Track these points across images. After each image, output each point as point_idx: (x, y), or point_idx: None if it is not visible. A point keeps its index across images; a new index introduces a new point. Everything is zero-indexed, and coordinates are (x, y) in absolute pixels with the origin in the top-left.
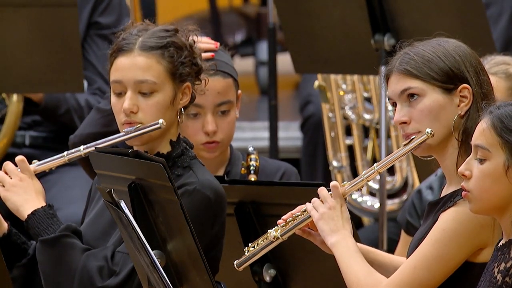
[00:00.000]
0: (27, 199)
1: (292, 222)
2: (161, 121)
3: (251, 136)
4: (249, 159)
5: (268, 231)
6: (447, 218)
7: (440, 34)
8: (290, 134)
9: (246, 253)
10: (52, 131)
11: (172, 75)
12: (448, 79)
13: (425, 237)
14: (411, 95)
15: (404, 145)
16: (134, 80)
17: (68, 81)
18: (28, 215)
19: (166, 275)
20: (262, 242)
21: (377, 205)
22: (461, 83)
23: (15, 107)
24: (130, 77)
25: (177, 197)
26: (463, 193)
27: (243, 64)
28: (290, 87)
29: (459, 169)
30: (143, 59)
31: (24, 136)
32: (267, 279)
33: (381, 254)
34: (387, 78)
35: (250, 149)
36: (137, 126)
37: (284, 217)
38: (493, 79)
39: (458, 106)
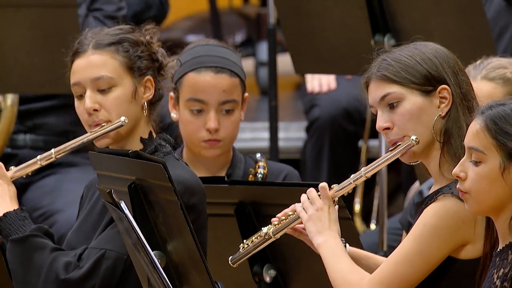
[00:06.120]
0: (1, 203)
1: (284, 221)
2: (123, 118)
3: (251, 136)
4: (257, 166)
5: (262, 228)
6: (427, 214)
7: (419, 38)
8: (290, 135)
9: (240, 250)
10: (53, 133)
11: (129, 69)
12: (426, 82)
13: None
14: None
15: (391, 150)
16: (91, 78)
17: (68, 81)
18: (0, 218)
19: (166, 276)
20: (255, 239)
21: None
22: (439, 84)
23: (9, 111)
24: (86, 76)
25: (177, 198)
26: (460, 194)
27: (243, 65)
28: (290, 88)
29: (454, 171)
30: (97, 57)
31: (25, 140)
32: (267, 279)
33: (378, 258)
34: (366, 85)
35: (258, 156)
36: (102, 125)
37: (278, 215)
38: (490, 86)
39: (439, 107)
